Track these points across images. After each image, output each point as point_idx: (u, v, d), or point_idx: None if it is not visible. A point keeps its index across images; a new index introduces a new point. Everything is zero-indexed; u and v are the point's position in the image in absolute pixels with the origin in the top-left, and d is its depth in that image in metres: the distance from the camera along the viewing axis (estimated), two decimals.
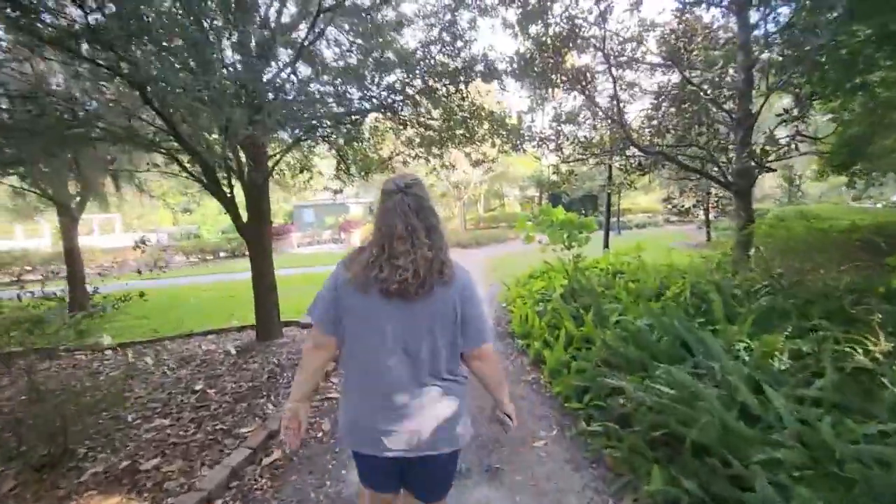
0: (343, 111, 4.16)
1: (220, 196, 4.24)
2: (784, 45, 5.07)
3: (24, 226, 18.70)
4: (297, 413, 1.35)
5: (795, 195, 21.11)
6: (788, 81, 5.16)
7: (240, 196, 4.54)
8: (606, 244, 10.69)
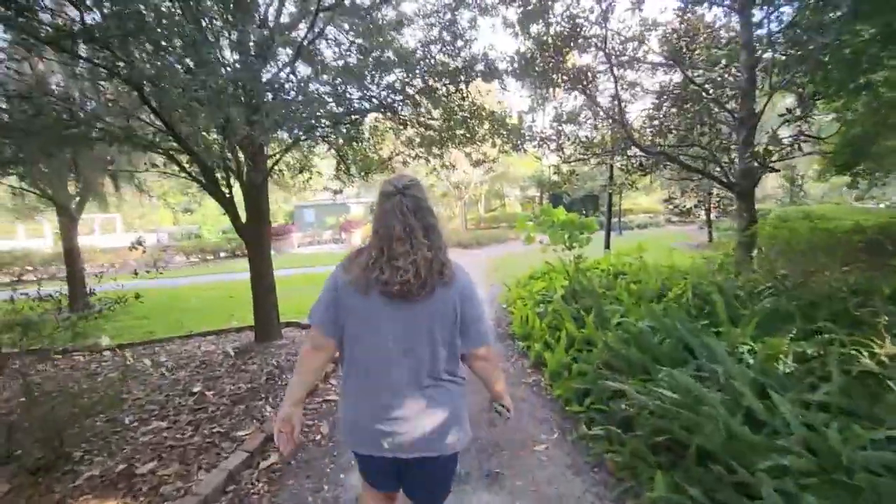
0: (343, 111, 4.13)
1: (219, 196, 4.22)
2: (787, 45, 5.02)
3: (26, 226, 18.74)
4: (291, 417, 1.33)
5: (797, 195, 21.04)
6: (791, 81, 5.10)
7: (239, 196, 4.52)
8: (608, 245, 10.66)
